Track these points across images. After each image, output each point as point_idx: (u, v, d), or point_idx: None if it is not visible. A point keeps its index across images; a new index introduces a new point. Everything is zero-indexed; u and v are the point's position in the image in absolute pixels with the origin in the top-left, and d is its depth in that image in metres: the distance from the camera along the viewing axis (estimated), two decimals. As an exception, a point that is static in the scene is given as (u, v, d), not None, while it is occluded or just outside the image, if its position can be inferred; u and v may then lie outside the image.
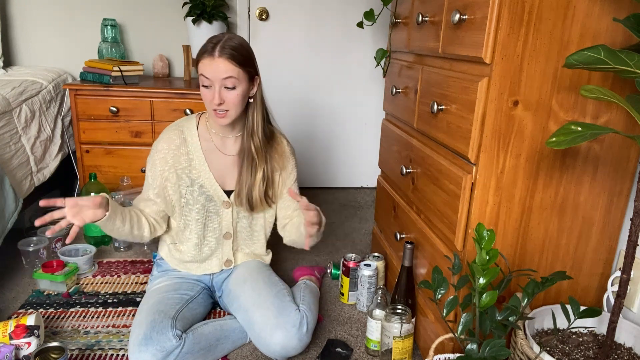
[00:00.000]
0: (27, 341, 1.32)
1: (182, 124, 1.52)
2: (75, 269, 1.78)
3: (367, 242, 2.28)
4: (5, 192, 1.73)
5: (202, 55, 1.36)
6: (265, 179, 1.51)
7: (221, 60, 1.33)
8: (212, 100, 1.37)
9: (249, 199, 1.50)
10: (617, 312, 1.04)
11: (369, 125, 2.94)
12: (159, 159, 1.47)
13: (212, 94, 1.36)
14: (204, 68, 1.36)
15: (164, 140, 1.48)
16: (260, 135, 1.48)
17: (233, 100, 1.37)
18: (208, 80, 1.36)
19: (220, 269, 1.60)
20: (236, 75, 1.35)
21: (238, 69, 1.35)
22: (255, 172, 1.49)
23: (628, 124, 1.15)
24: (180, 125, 1.51)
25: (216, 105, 1.37)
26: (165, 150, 1.47)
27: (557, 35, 1.06)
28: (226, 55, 1.33)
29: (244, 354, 1.45)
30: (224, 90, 1.36)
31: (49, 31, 2.60)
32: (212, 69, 1.34)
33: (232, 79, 1.34)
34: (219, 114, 1.39)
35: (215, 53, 1.33)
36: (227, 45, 1.34)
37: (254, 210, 1.54)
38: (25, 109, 2.03)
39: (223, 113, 1.39)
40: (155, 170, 1.48)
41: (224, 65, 1.33)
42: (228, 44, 1.34)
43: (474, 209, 1.16)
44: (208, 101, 1.39)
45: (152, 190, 1.49)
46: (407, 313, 1.36)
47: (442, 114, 1.29)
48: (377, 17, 1.81)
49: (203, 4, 2.40)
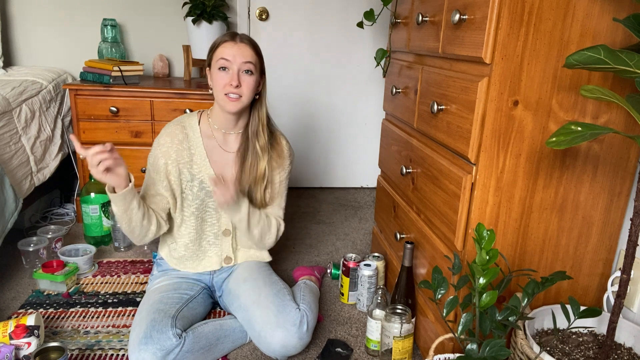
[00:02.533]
0: (27, 341, 1.32)
1: (184, 120, 1.53)
2: (75, 269, 1.78)
3: (367, 242, 2.28)
4: (5, 192, 1.73)
5: (221, 43, 1.42)
6: (265, 177, 1.51)
7: (243, 45, 1.42)
8: (228, 83, 1.39)
9: (249, 197, 1.51)
10: (617, 312, 1.04)
11: (369, 125, 2.94)
12: (162, 153, 1.48)
13: (229, 75, 1.40)
14: (224, 51, 1.40)
15: (167, 135, 1.49)
16: (265, 134, 1.50)
17: (249, 85, 1.41)
18: (227, 62, 1.40)
19: (220, 266, 1.60)
20: (254, 62, 1.42)
21: (256, 57, 1.44)
22: (257, 171, 1.50)
23: (628, 124, 1.15)
24: (182, 121, 1.52)
25: (233, 87, 1.39)
26: (168, 143, 1.48)
27: (557, 35, 1.06)
28: (247, 41, 1.43)
29: (244, 353, 1.45)
30: (242, 74, 1.41)
31: (49, 31, 2.60)
32: (234, 51, 1.40)
33: (250, 64, 1.41)
34: (231, 97, 1.40)
35: (237, 39, 1.42)
36: (246, 36, 1.45)
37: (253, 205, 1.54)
38: (25, 109, 2.03)
39: (236, 97, 1.41)
40: (158, 163, 1.48)
41: (246, 49, 1.42)
42: (246, 36, 1.45)
43: (474, 209, 1.16)
44: (223, 85, 1.40)
45: (160, 184, 1.49)
46: (407, 313, 1.36)
47: (442, 114, 1.29)
48: (377, 17, 1.81)
49: (203, 4, 2.40)
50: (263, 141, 1.50)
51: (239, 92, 1.40)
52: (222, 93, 1.41)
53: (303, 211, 2.62)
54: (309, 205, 2.73)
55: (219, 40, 1.43)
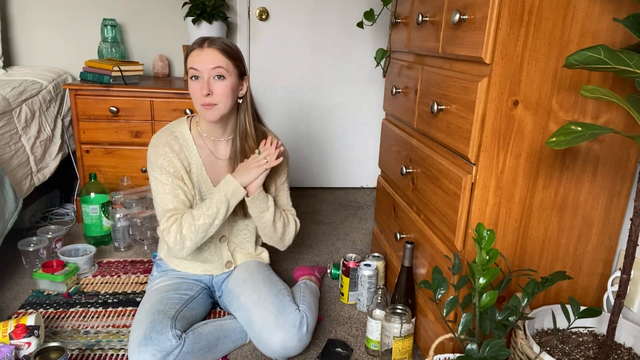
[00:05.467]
0: (27, 341, 1.32)
1: (174, 129, 1.48)
2: (75, 269, 1.78)
3: (367, 242, 2.28)
4: (5, 192, 1.73)
5: (191, 50, 1.38)
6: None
7: (210, 50, 1.36)
8: (200, 91, 1.35)
9: (242, 202, 1.48)
10: (617, 312, 1.04)
11: (369, 125, 2.94)
12: (167, 162, 1.42)
13: (200, 84, 1.36)
14: (193, 60, 1.37)
15: (163, 145, 1.44)
16: (253, 136, 1.47)
17: (222, 91, 1.36)
18: (197, 72, 1.36)
19: (221, 272, 1.60)
20: (225, 66, 1.36)
21: (227, 60, 1.37)
22: None
23: (628, 124, 1.15)
24: (173, 130, 1.48)
25: (204, 95, 1.35)
26: (169, 153, 1.43)
27: (557, 35, 1.06)
28: (215, 46, 1.37)
29: (244, 354, 1.45)
30: (213, 81, 1.36)
31: (49, 31, 2.60)
32: (202, 57, 1.35)
33: (221, 69, 1.35)
34: (206, 106, 1.37)
35: (204, 45, 1.37)
36: (217, 40, 1.39)
37: (247, 215, 1.52)
38: (25, 109, 2.03)
39: (210, 106, 1.37)
40: (168, 170, 1.42)
41: (214, 55, 1.36)
42: (217, 39, 1.39)
43: (474, 209, 1.16)
44: (196, 94, 1.37)
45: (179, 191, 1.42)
46: (407, 313, 1.36)
47: (442, 114, 1.29)
48: (377, 17, 1.81)
49: (203, 4, 2.40)
50: (252, 143, 1.47)
51: (211, 100, 1.36)
52: (199, 103, 1.38)
53: (303, 211, 2.62)
54: (309, 205, 2.73)
55: (189, 49, 1.39)
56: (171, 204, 1.41)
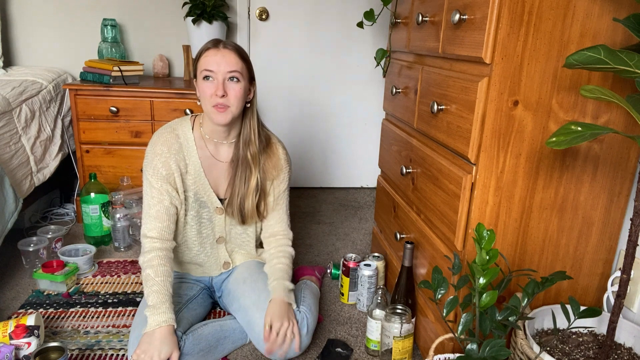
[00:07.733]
0: (27, 341, 1.32)
1: (176, 127, 1.46)
2: (75, 269, 1.78)
3: (367, 242, 2.28)
4: (5, 192, 1.73)
5: (205, 51, 1.37)
6: (257, 189, 1.47)
7: (227, 52, 1.35)
8: (214, 93, 1.33)
9: (241, 209, 1.47)
10: (617, 312, 1.04)
11: (369, 125, 2.94)
12: (162, 163, 1.41)
13: (214, 85, 1.34)
14: (207, 60, 1.34)
15: (162, 143, 1.42)
16: (257, 142, 1.46)
17: (236, 93, 1.35)
18: (212, 73, 1.34)
19: (219, 273, 1.60)
20: (240, 70, 1.36)
21: (242, 64, 1.37)
22: (249, 181, 1.46)
23: (628, 124, 1.15)
24: (175, 128, 1.46)
25: (219, 96, 1.33)
26: (165, 153, 1.41)
27: (557, 35, 1.06)
28: (231, 48, 1.36)
29: (244, 354, 1.45)
30: (228, 83, 1.35)
31: (49, 31, 2.60)
32: (218, 58, 1.33)
33: (236, 72, 1.35)
34: (219, 108, 1.35)
35: (220, 46, 1.36)
36: (230, 42, 1.39)
37: (245, 222, 1.52)
38: (25, 109, 2.03)
39: (224, 108, 1.35)
40: (161, 173, 1.41)
41: (230, 57, 1.35)
42: (231, 42, 1.39)
43: (474, 209, 1.16)
44: (209, 95, 1.34)
45: (166, 196, 1.40)
46: (407, 313, 1.36)
47: (442, 114, 1.29)
48: (377, 17, 1.81)
49: (203, 4, 2.40)
50: (255, 150, 1.45)
51: (225, 102, 1.34)
52: (210, 105, 1.35)
53: (303, 211, 2.62)
54: (309, 205, 2.73)
55: (202, 49, 1.38)
56: (154, 209, 1.40)
